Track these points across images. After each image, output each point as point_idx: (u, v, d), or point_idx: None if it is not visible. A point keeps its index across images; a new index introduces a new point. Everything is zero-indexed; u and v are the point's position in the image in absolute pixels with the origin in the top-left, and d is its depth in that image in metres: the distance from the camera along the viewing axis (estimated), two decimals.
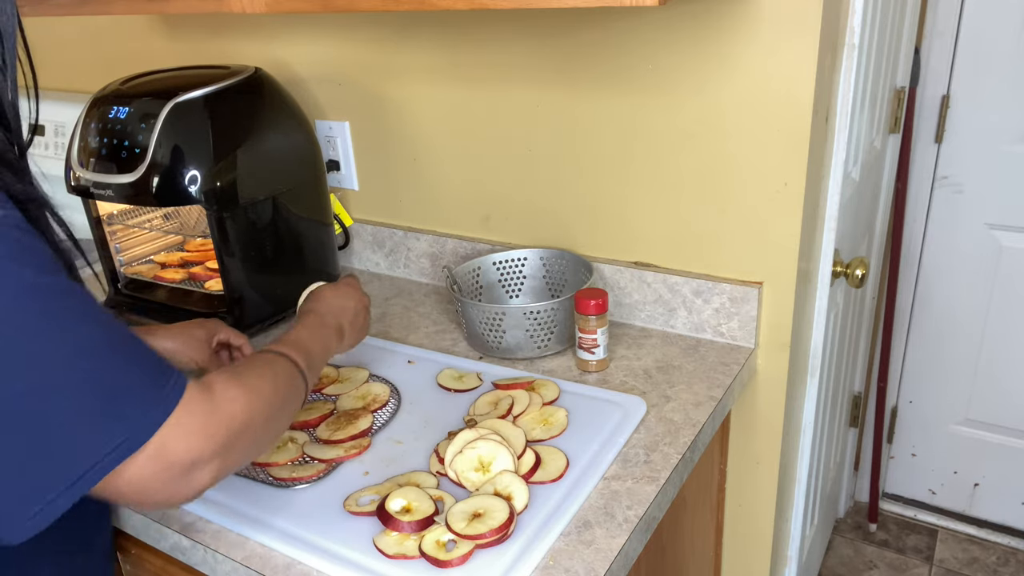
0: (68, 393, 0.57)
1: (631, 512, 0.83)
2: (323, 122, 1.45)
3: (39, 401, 0.56)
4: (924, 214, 1.87)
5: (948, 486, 2.11)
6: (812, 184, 1.09)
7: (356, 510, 0.85)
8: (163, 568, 0.96)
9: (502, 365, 1.13)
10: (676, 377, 1.09)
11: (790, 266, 1.10)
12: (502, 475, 0.86)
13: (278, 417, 0.75)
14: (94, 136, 1.16)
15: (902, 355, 2.02)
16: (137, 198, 1.14)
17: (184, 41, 1.58)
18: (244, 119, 1.18)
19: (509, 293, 1.28)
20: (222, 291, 1.22)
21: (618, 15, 1.09)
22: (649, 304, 1.22)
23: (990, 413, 1.97)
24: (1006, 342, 1.88)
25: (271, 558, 0.81)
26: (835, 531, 2.12)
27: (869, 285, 1.87)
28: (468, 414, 1.01)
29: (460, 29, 1.23)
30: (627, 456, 0.92)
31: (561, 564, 0.77)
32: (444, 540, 0.79)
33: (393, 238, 1.45)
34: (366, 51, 1.35)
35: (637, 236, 1.21)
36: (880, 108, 1.51)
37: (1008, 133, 1.72)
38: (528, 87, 1.21)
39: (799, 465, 1.33)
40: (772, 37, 0.99)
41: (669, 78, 1.08)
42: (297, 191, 1.26)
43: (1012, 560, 1.99)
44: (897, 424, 2.11)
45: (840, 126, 1.11)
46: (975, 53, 1.69)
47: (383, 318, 1.32)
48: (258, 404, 0.70)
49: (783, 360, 1.15)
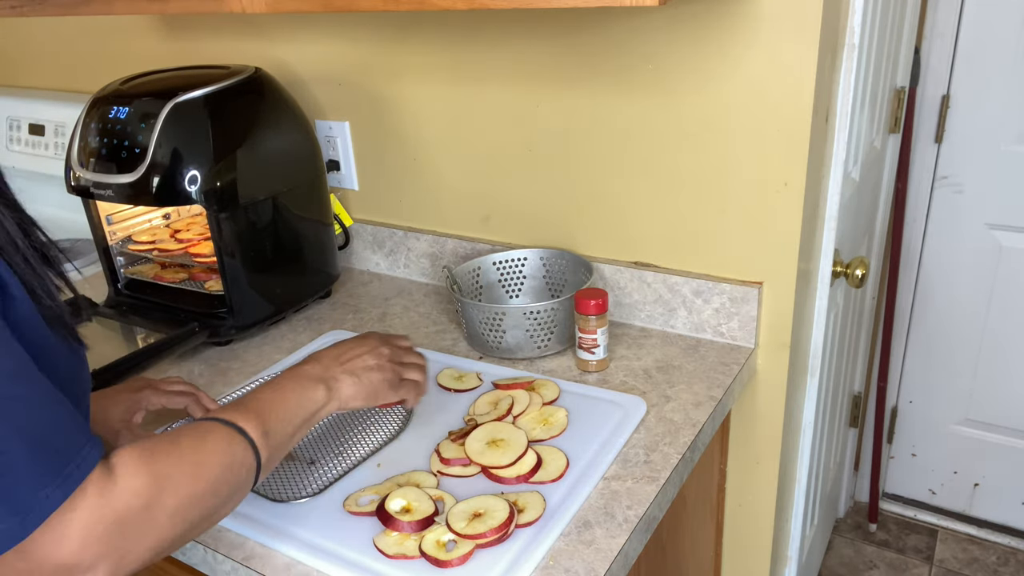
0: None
1: (631, 512, 0.83)
2: (323, 122, 1.45)
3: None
4: (924, 214, 1.87)
5: (948, 486, 2.11)
6: (812, 184, 1.09)
7: (356, 510, 0.85)
8: (163, 568, 0.96)
9: (502, 365, 1.13)
10: (676, 377, 1.09)
11: (790, 266, 1.10)
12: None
13: (201, 505, 0.63)
14: (94, 136, 1.16)
15: (902, 355, 2.02)
16: (137, 198, 1.14)
17: (184, 41, 1.58)
18: (244, 119, 1.18)
19: (509, 293, 1.28)
20: (222, 291, 1.22)
21: (618, 15, 1.09)
22: (649, 304, 1.22)
23: (990, 413, 1.97)
24: (1006, 342, 1.88)
25: (271, 558, 0.81)
26: (835, 531, 2.12)
27: (869, 285, 1.87)
28: (468, 414, 1.01)
29: (460, 29, 1.23)
30: (627, 456, 0.92)
31: (561, 564, 0.77)
32: (444, 540, 0.79)
33: (393, 238, 1.45)
34: (366, 51, 1.35)
35: (637, 236, 1.21)
36: (880, 108, 1.51)
37: (1008, 133, 1.72)
38: (528, 87, 1.21)
39: (799, 465, 1.33)
40: (772, 37, 0.99)
41: (669, 78, 1.08)
42: (297, 191, 1.26)
43: (1012, 560, 1.99)
44: (897, 424, 2.11)
45: (840, 126, 1.11)
46: (975, 53, 1.69)
47: (383, 318, 1.32)
48: (168, 499, 0.59)
49: (783, 360, 1.15)
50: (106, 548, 0.55)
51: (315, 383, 0.80)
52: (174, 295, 1.31)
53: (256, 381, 1.11)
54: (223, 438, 0.67)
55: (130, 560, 0.57)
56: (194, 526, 0.63)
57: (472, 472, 0.89)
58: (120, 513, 0.56)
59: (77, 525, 0.54)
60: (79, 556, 0.54)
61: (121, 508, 0.56)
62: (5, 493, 0.51)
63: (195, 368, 1.18)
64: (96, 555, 0.55)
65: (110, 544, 0.55)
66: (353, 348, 0.86)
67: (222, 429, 0.68)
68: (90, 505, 0.54)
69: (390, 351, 0.88)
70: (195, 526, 0.63)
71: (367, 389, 0.84)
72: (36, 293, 0.58)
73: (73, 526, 0.53)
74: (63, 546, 0.53)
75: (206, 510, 0.64)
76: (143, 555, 0.58)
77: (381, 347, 0.88)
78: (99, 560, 0.55)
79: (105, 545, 0.55)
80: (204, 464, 0.64)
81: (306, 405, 0.78)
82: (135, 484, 0.57)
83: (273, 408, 0.74)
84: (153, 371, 1.17)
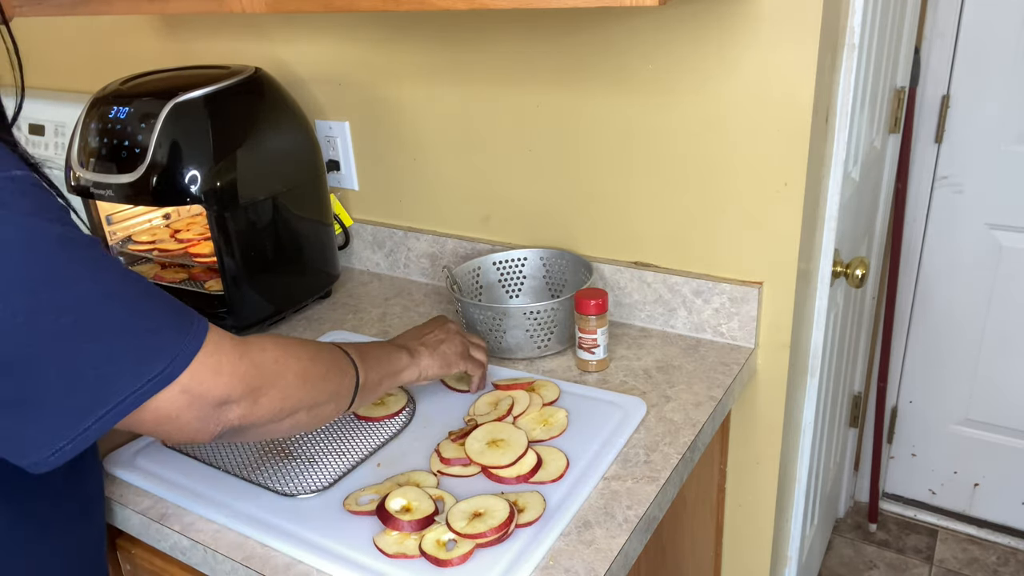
0: (107, 329, 0.60)
1: (631, 512, 0.83)
2: (323, 122, 1.45)
3: (82, 335, 0.59)
4: (924, 214, 1.87)
5: (948, 486, 2.11)
6: (812, 184, 1.09)
7: (356, 509, 0.85)
8: (163, 568, 0.96)
9: (502, 365, 1.13)
10: (676, 377, 1.09)
11: (790, 266, 1.10)
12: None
13: (314, 385, 0.75)
14: (94, 136, 1.16)
15: (902, 355, 2.02)
16: (137, 198, 1.14)
17: (184, 41, 1.58)
18: (244, 119, 1.18)
19: (509, 293, 1.28)
20: (222, 291, 1.22)
21: (618, 15, 1.09)
22: (649, 304, 1.22)
23: (990, 413, 1.97)
24: (1006, 342, 1.88)
25: (271, 558, 0.81)
26: (835, 531, 2.12)
27: (869, 285, 1.87)
28: (468, 414, 1.01)
29: (460, 29, 1.23)
30: (627, 456, 0.92)
31: (561, 564, 0.77)
32: (444, 539, 0.79)
33: (393, 238, 1.45)
34: (366, 51, 1.35)
35: (637, 236, 1.21)
36: (880, 108, 1.51)
37: (1008, 133, 1.72)
38: (528, 87, 1.21)
39: (799, 465, 1.33)
40: (772, 37, 0.99)
41: (669, 78, 1.08)
42: (297, 191, 1.26)
43: (1012, 560, 1.99)
44: (897, 424, 2.11)
45: (840, 126, 1.11)
46: (975, 53, 1.69)
47: (383, 318, 1.32)
48: (291, 362, 0.73)
49: (783, 360, 1.15)
50: (247, 386, 0.68)
51: (399, 349, 0.93)
52: (174, 295, 1.31)
53: None
54: (334, 350, 0.81)
55: (263, 403, 0.70)
56: (308, 404, 0.75)
57: (472, 472, 0.89)
58: (256, 360, 0.69)
59: (226, 362, 0.67)
60: (229, 389, 0.67)
61: (256, 358, 0.70)
62: (167, 338, 0.64)
63: None
64: (242, 391, 0.68)
65: (250, 383, 0.68)
66: (428, 328, 1.00)
67: (332, 346, 0.82)
68: (234, 351, 0.68)
69: (458, 330, 1.01)
70: (309, 405, 0.75)
71: (441, 359, 0.96)
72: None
73: (223, 363, 0.66)
74: (218, 380, 0.66)
75: (320, 391, 0.77)
76: (273, 403, 0.71)
77: (450, 325, 1.01)
78: (243, 396, 0.68)
79: (247, 383, 0.68)
80: (321, 355, 0.78)
81: (393, 361, 0.90)
82: (267, 344, 0.72)
83: (369, 352, 0.87)
84: None
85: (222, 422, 0.67)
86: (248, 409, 0.69)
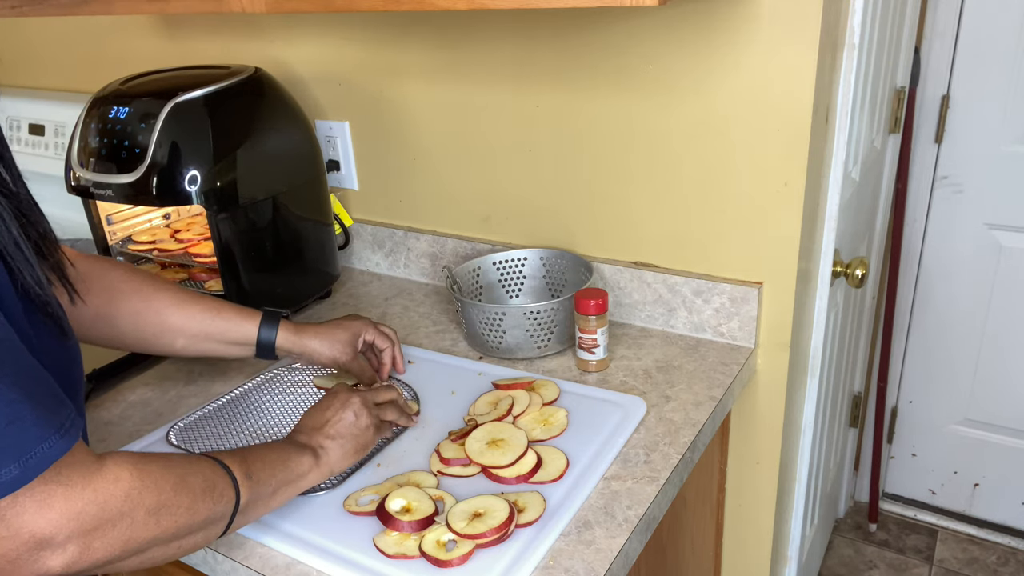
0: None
1: (631, 512, 0.83)
2: (323, 122, 1.45)
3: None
4: (924, 214, 1.87)
5: (948, 486, 2.11)
6: (812, 184, 1.09)
7: (356, 510, 0.85)
8: (163, 568, 0.96)
9: (502, 365, 1.13)
10: (676, 377, 1.09)
11: (790, 266, 1.10)
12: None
13: (175, 518, 0.63)
14: (94, 136, 1.16)
15: (902, 355, 2.02)
16: (137, 198, 1.14)
17: (184, 41, 1.58)
18: (244, 119, 1.18)
19: (509, 293, 1.28)
20: (222, 291, 1.22)
21: (618, 15, 1.09)
22: (649, 304, 1.22)
23: (990, 413, 1.97)
24: (1006, 342, 1.88)
25: (271, 558, 0.81)
26: (835, 531, 2.12)
27: (869, 285, 1.87)
28: (468, 414, 1.01)
29: (460, 29, 1.23)
30: (627, 456, 0.92)
31: (561, 564, 0.77)
32: (444, 540, 0.79)
33: (393, 238, 1.45)
34: (366, 51, 1.35)
35: (637, 236, 1.21)
36: (880, 108, 1.51)
37: (1008, 133, 1.72)
38: (528, 87, 1.21)
39: (799, 465, 1.33)
40: (772, 37, 0.99)
41: (669, 78, 1.08)
42: (297, 191, 1.26)
43: (1012, 560, 1.99)
44: (897, 424, 2.11)
45: (840, 126, 1.11)
46: (975, 53, 1.69)
47: (383, 318, 1.32)
48: (146, 495, 0.61)
49: (783, 360, 1.15)
50: (80, 527, 0.56)
51: (301, 450, 0.82)
52: None
53: (255, 379, 1.11)
54: (209, 467, 0.70)
55: (99, 548, 0.58)
56: (165, 539, 0.63)
57: (472, 472, 0.89)
58: (101, 496, 0.58)
59: (60, 497, 0.55)
60: (55, 529, 0.55)
61: (103, 491, 0.58)
62: (14, 440, 0.52)
63: (195, 367, 1.18)
64: (70, 532, 0.56)
65: (85, 524, 0.56)
66: (327, 411, 0.88)
67: (210, 461, 0.71)
68: (76, 482, 0.56)
69: (361, 399, 0.89)
70: (166, 540, 0.64)
71: (353, 445, 0.87)
72: (23, 277, 0.59)
73: (56, 497, 0.55)
74: (43, 516, 0.54)
75: (181, 525, 0.64)
76: (113, 547, 0.59)
77: (352, 398, 0.89)
78: (71, 539, 0.56)
79: (80, 524, 0.56)
80: (188, 481, 0.66)
81: (291, 466, 0.79)
82: (121, 473, 0.60)
83: (258, 458, 0.76)
84: (154, 371, 1.17)
85: (37, 570, 0.55)
86: (77, 556, 0.56)
